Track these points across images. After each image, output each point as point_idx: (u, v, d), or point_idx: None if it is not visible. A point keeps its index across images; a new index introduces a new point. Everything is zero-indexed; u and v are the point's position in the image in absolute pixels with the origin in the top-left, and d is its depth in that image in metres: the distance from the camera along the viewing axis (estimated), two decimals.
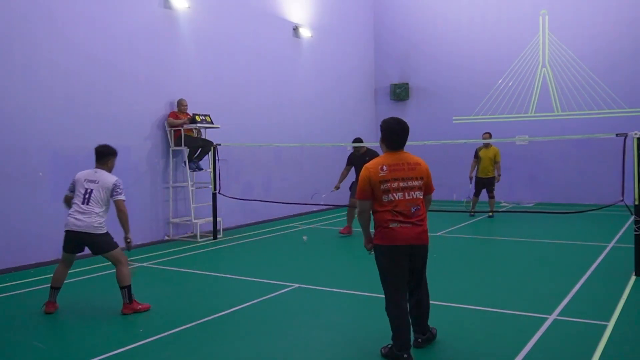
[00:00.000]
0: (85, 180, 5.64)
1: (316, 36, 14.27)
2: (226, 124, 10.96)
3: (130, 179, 9.31)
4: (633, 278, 6.50)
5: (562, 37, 14.59)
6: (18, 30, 7.78)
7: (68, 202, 5.80)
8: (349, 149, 15.80)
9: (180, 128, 9.85)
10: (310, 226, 11.73)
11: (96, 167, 5.77)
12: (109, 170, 5.82)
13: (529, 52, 15.02)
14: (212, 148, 9.97)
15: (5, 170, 7.62)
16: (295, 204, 11.41)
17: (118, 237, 5.77)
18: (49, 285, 5.73)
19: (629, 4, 13.88)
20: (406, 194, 4.17)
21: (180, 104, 10.00)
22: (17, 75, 7.78)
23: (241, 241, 9.94)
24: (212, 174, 10.03)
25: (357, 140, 10.21)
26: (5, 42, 7.64)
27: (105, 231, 5.61)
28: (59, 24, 8.30)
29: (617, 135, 6.98)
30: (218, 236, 10.16)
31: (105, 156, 5.79)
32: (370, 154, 9.79)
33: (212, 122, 10.27)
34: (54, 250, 8.17)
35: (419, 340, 4.45)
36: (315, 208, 13.70)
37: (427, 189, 4.36)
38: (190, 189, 10.24)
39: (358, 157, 9.93)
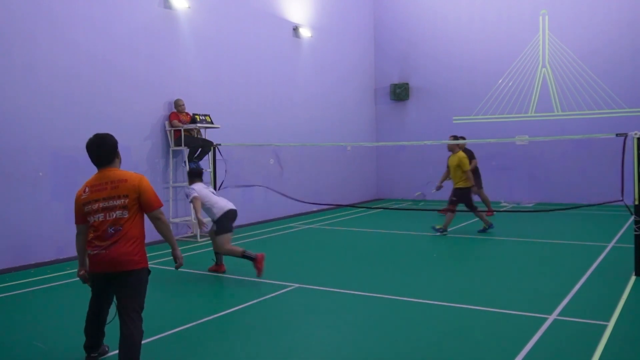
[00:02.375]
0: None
1: (316, 36, 14.27)
2: (226, 124, 10.96)
3: None
4: (633, 278, 6.50)
5: (562, 37, 14.59)
6: (18, 30, 7.78)
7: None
8: (349, 149, 15.84)
9: (180, 128, 9.86)
10: (311, 226, 11.74)
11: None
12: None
13: (529, 52, 15.02)
14: (212, 148, 9.97)
15: (5, 170, 7.62)
16: (296, 201, 11.40)
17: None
18: (50, 285, 5.72)
19: (628, 4, 13.88)
20: (107, 214, 3.89)
21: (178, 104, 10.01)
22: (17, 75, 7.78)
23: (241, 241, 9.93)
24: (212, 174, 10.02)
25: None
26: (5, 42, 7.64)
27: None
28: (59, 24, 8.30)
29: (617, 135, 6.98)
30: None
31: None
32: (468, 152, 11.26)
33: (212, 122, 10.27)
34: (54, 250, 8.19)
35: None
36: (315, 208, 13.70)
37: (145, 206, 3.99)
38: None
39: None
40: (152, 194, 3.99)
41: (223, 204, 7.27)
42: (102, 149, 4.00)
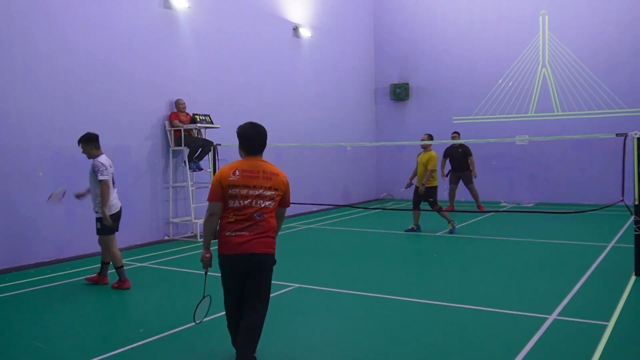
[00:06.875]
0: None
1: (316, 36, 14.27)
2: (226, 124, 10.94)
3: (130, 179, 9.31)
4: (633, 278, 6.50)
5: (562, 37, 14.58)
6: (18, 30, 7.78)
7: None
8: (349, 149, 15.84)
9: (180, 128, 9.86)
10: (311, 226, 11.73)
11: None
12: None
13: (529, 52, 15.02)
14: (212, 148, 9.97)
15: (5, 170, 7.62)
16: (296, 203, 11.37)
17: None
18: (50, 285, 5.72)
19: (629, 4, 13.88)
20: (254, 201, 3.97)
21: (179, 104, 10.01)
22: (17, 75, 7.78)
23: None
24: (212, 174, 10.02)
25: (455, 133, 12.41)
26: (5, 42, 7.64)
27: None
28: (58, 24, 8.30)
29: (617, 135, 6.99)
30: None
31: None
32: (464, 148, 11.87)
33: (212, 122, 10.27)
34: (54, 250, 8.19)
35: None
36: (315, 208, 13.70)
37: (283, 202, 4.17)
38: (190, 189, 10.23)
39: (452, 149, 12.14)
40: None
41: (116, 196, 6.50)
42: (262, 138, 4.10)
